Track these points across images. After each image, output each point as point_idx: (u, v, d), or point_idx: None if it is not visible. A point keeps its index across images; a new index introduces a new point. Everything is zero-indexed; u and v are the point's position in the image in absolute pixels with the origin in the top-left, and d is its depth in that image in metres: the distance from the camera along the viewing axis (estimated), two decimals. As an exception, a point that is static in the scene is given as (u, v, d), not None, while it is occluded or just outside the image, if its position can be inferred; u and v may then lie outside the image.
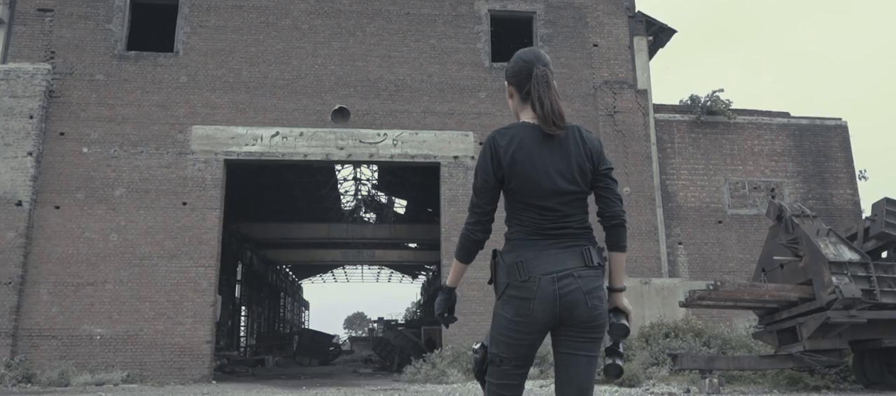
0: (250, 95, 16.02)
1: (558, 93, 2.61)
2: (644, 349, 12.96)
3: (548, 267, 2.45)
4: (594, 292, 2.46)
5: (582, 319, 2.45)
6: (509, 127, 2.60)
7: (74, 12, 15.93)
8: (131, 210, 15.16)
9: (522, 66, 2.64)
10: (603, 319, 2.50)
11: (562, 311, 2.43)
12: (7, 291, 14.26)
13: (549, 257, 2.46)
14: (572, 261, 2.47)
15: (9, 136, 14.87)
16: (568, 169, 2.52)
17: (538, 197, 2.51)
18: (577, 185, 2.53)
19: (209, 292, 15.10)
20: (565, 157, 2.53)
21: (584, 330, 2.47)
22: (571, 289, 2.43)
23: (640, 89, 17.06)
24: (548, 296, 2.42)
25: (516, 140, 2.53)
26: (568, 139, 2.55)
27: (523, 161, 2.50)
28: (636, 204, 16.32)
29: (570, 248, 2.49)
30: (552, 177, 2.50)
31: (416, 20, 16.89)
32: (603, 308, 2.49)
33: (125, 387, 13.31)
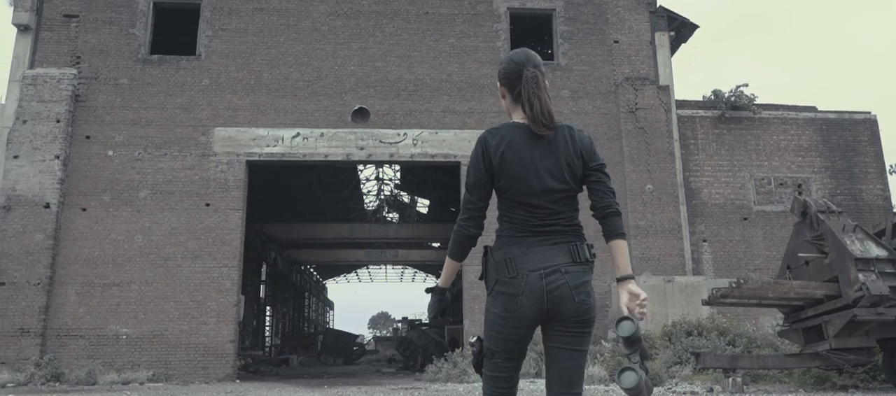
0: (271, 97, 16.16)
1: (549, 93, 2.65)
2: (667, 347, 12.80)
3: (535, 264, 2.50)
4: (581, 287, 2.51)
5: (569, 314, 2.49)
6: (500, 127, 2.65)
7: (99, 18, 16.21)
8: (155, 211, 15.38)
9: (513, 67, 2.68)
10: (590, 313, 2.54)
11: (549, 306, 2.48)
12: (36, 292, 14.56)
13: (536, 254, 2.52)
14: (560, 257, 2.52)
15: (37, 140, 15.19)
16: (557, 167, 2.57)
17: (527, 195, 2.56)
18: (565, 183, 2.59)
19: (232, 292, 15.27)
20: (554, 156, 2.58)
21: (571, 325, 2.51)
22: (559, 285, 2.48)
23: (661, 85, 16.86)
24: (535, 292, 2.47)
25: (506, 139, 2.59)
26: (557, 138, 2.60)
27: (513, 160, 2.56)
28: (659, 202, 16.14)
29: (558, 245, 2.55)
30: (541, 176, 2.56)
31: (435, 20, 16.89)
32: (590, 302, 2.54)
33: (151, 386, 13.51)
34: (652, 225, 16.02)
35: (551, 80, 16.53)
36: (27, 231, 14.78)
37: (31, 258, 14.68)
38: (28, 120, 15.24)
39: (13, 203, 14.89)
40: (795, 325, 10.33)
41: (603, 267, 15.72)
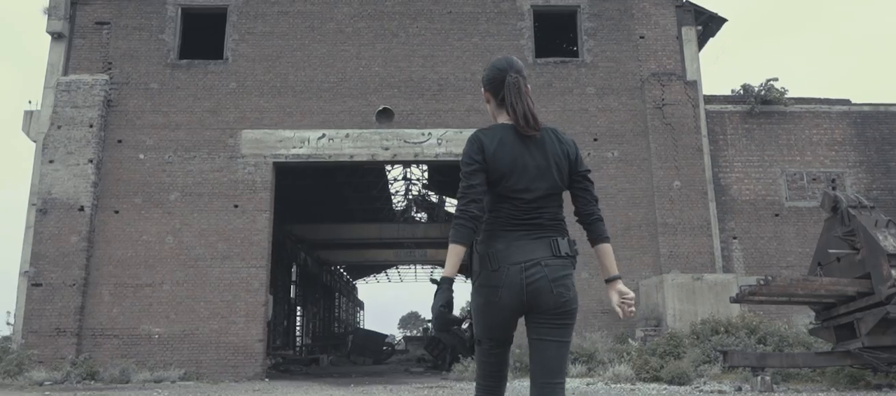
0: (297, 99, 16.34)
1: (531, 97, 2.79)
2: (695, 346, 12.61)
3: (516, 257, 2.61)
4: (560, 280, 2.61)
5: (549, 306, 2.61)
6: (491, 127, 2.80)
7: (129, 24, 16.58)
8: (185, 213, 15.67)
9: (496, 73, 2.83)
10: (570, 306, 2.64)
11: (528, 298, 2.60)
12: (72, 292, 14.95)
13: (518, 248, 2.63)
14: (541, 251, 2.63)
15: (71, 145, 15.60)
16: (546, 166, 2.71)
17: (514, 190, 2.67)
18: (552, 181, 2.71)
19: (260, 292, 15.48)
20: (543, 155, 2.72)
21: (551, 316, 2.62)
22: (538, 278, 2.59)
23: (689, 80, 16.62)
24: (515, 284, 2.59)
25: (498, 137, 2.72)
26: (545, 139, 2.76)
27: (504, 156, 2.68)
28: (687, 198, 15.91)
29: (540, 239, 2.66)
30: (529, 172, 2.69)
31: (458, 19, 16.90)
32: (569, 296, 2.63)
33: (182, 384, 13.76)
34: (680, 223, 15.79)
35: (576, 78, 16.50)
36: (62, 233, 15.19)
37: (66, 259, 15.08)
38: (62, 125, 15.67)
39: (49, 206, 15.32)
40: (827, 323, 10.11)
41: (630, 266, 15.61)
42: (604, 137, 16.37)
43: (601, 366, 12.70)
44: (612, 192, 16.09)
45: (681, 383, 11.32)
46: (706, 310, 13.83)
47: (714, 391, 10.44)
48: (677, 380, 11.35)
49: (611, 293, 2.75)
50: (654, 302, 14.72)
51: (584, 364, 13.04)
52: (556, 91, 16.58)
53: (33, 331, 14.74)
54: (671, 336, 13.00)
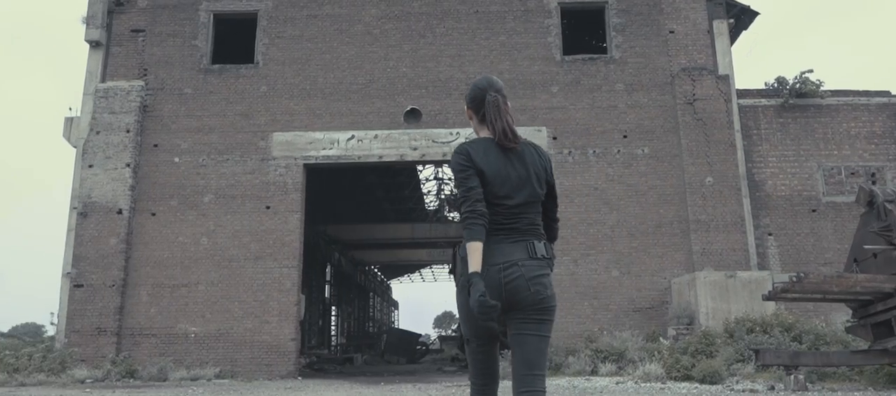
0: (326, 101, 16.55)
1: (510, 114, 3.04)
2: (728, 345, 12.40)
3: (495, 259, 2.80)
4: (536, 279, 2.81)
5: (526, 303, 2.80)
6: (476, 140, 3.04)
7: (163, 31, 17.01)
8: (219, 215, 16.01)
9: (477, 93, 3.08)
10: (547, 302, 2.84)
11: (507, 296, 2.78)
12: (111, 293, 15.40)
13: (498, 250, 2.82)
14: (518, 254, 2.83)
15: (109, 150, 16.06)
16: (527, 176, 2.94)
17: (497, 197, 2.87)
18: (532, 190, 2.94)
19: (293, 291, 15.72)
20: (524, 167, 2.95)
21: (530, 312, 2.82)
22: (515, 277, 2.79)
23: (721, 75, 16.33)
24: (494, 284, 2.77)
25: (482, 148, 2.95)
26: (525, 152, 3.00)
27: (488, 167, 2.89)
28: (720, 195, 15.65)
29: (517, 243, 2.86)
30: (511, 181, 2.91)
31: (485, 18, 16.91)
32: (546, 293, 2.83)
33: (217, 382, 14.06)
34: (713, 219, 15.54)
35: (605, 74, 16.37)
36: (102, 235, 15.65)
37: (105, 261, 15.53)
38: (101, 131, 16.15)
39: (89, 209, 15.80)
40: (863, 321, 9.84)
41: (662, 264, 15.42)
42: (633, 134, 16.20)
43: (631, 365, 12.57)
44: (643, 189, 15.92)
45: (712, 382, 11.14)
46: (740, 308, 13.58)
47: (746, 390, 10.26)
48: (709, 379, 11.17)
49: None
50: (686, 300, 14.52)
51: (613, 362, 12.92)
52: (585, 88, 16.47)
53: (75, 331, 15.22)
54: (703, 335, 12.80)
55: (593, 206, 15.86)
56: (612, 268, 15.54)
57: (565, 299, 15.40)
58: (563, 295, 15.41)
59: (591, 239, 15.69)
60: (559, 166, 16.11)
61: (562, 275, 15.51)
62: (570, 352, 13.80)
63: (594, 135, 16.22)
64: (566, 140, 16.23)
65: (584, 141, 16.20)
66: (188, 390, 12.17)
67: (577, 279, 15.48)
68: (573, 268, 15.53)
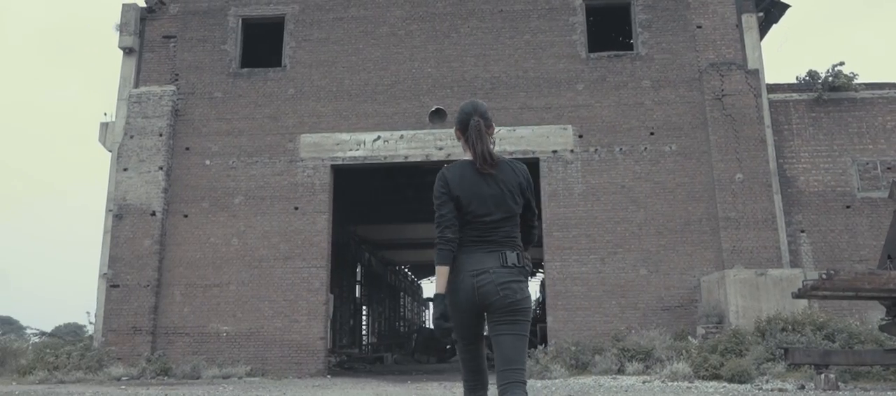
0: (352, 102, 16.73)
1: (491, 138, 3.37)
2: (759, 343, 12.21)
3: (470, 267, 3.20)
4: (505, 284, 3.16)
5: (497, 306, 3.16)
6: (456, 164, 3.39)
7: (194, 37, 17.38)
8: (249, 216, 16.30)
9: (464, 117, 3.41)
10: (517, 305, 3.16)
11: (480, 299, 3.17)
12: (146, 293, 15.79)
13: (474, 259, 3.21)
14: (491, 262, 3.20)
15: (143, 153, 16.48)
16: (499, 195, 3.27)
17: (475, 215, 3.25)
18: (507, 207, 3.28)
19: (321, 291, 15.92)
20: (497, 187, 3.27)
21: (502, 314, 3.17)
22: (486, 283, 3.16)
23: (750, 69, 16.07)
24: (468, 288, 3.19)
25: (459, 173, 3.32)
26: (502, 172, 3.30)
27: (464, 189, 3.26)
28: (750, 192, 15.40)
29: (492, 253, 3.22)
30: (485, 201, 3.25)
31: (509, 17, 16.91)
32: (514, 297, 3.16)
33: (248, 380, 14.33)
34: (743, 217, 15.30)
35: (631, 71, 16.25)
36: (137, 237, 16.07)
37: (140, 262, 15.94)
38: (134, 135, 16.58)
39: (124, 211, 16.23)
40: (897, 318, 9.62)
41: (691, 262, 15.24)
42: (661, 131, 16.04)
43: (658, 364, 12.46)
44: (671, 187, 15.75)
45: (741, 381, 11.00)
46: (771, 307, 13.35)
47: (775, 389, 10.11)
48: (737, 378, 11.03)
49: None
50: (715, 298, 14.33)
51: (640, 361, 12.82)
52: (610, 86, 16.35)
53: (112, 330, 15.65)
54: (733, 334, 12.63)
55: (620, 204, 15.75)
56: (640, 267, 15.40)
57: (592, 297, 15.33)
58: (591, 293, 15.35)
59: (619, 237, 15.58)
60: (585, 164, 16.03)
61: (589, 274, 15.44)
62: (596, 351, 13.73)
63: (620, 132, 16.10)
64: (592, 138, 16.13)
65: (611, 138, 16.09)
66: (219, 387, 12.43)
67: (605, 277, 15.39)
68: (600, 267, 15.44)
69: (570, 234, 15.71)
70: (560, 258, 15.64)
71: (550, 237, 15.78)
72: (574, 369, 13.64)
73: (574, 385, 11.77)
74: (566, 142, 16.15)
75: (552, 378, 13.08)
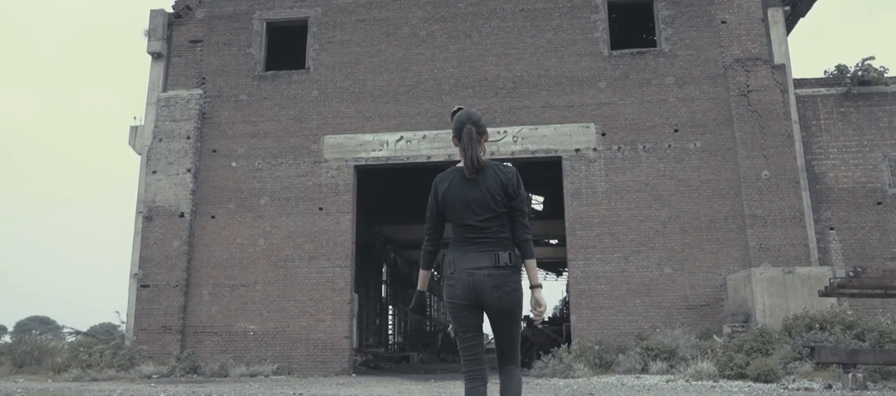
0: (375, 103, 16.87)
1: (483, 145, 3.71)
2: (786, 342, 12.04)
3: (466, 265, 3.53)
4: (500, 285, 3.51)
5: (493, 305, 3.53)
6: (447, 171, 3.75)
7: (220, 41, 17.69)
8: (274, 216, 16.54)
9: (459, 125, 3.73)
10: (510, 304, 3.54)
11: (476, 295, 3.52)
12: (175, 293, 16.12)
13: (469, 258, 3.54)
14: (485, 261, 3.52)
15: (171, 156, 16.82)
16: (482, 198, 3.57)
17: (461, 219, 3.60)
18: (490, 209, 3.57)
19: (346, 290, 16.09)
20: (480, 190, 3.58)
21: (498, 313, 3.57)
22: (479, 282, 3.50)
23: (776, 64, 15.82)
24: (464, 284, 3.52)
25: (447, 181, 3.69)
26: (485, 176, 3.60)
27: (451, 196, 3.63)
28: (777, 188, 15.17)
29: (484, 252, 3.54)
30: (470, 206, 3.58)
31: (530, 16, 16.89)
32: (508, 298, 3.52)
33: (274, 378, 14.54)
34: (770, 214, 15.08)
35: (654, 68, 16.13)
36: (166, 238, 16.41)
37: (169, 262, 16.28)
38: (163, 138, 16.93)
39: (154, 213, 16.58)
40: (927, 317, 9.41)
41: (717, 260, 15.07)
42: (685, 128, 15.89)
43: (683, 363, 12.35)
44: (696, 184, 15.59)
45: (767, 380, 10.86)
46: (799, 305, 13.15)
47: (801, 388, 9.96)
48: (763, 378, 10.90)
49: (532, 295, 3.64)
50: (742, 297, 14.15)
51: (664, 360, 12.72)
52: (633, 83, 16.24)
53: (143, 329, 16.01)
54: (760, 333, 12.46)
55: (644, 202, 15.63)
56: (665, 265, 15.28)
57: (616, 296, 15.25)
58: (614, 292, 15.27)
59: (643, 235, 15.47)
60: (609, 162, 15.94)
61: (612, 273, 15.36)
62: (620, 350, 13.66)
63: (644, 130, 15.98)
64: (615, 135, 16.04)
65: (634, 136, 15.98)
66: (245, 385, 12.64)
67: (629, 276, 15.30)
68: (624, 265, 15.36)
69: (594, 233, 15.64)
70: (583, 256, 15.59)
71: (574, 236, 15.73)
72: (597, 368, 13.59)
73: (597, 383, 11.74)
74: (589, 141, 16.08)
75: (575, 377, 13.05)
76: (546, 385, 11.72)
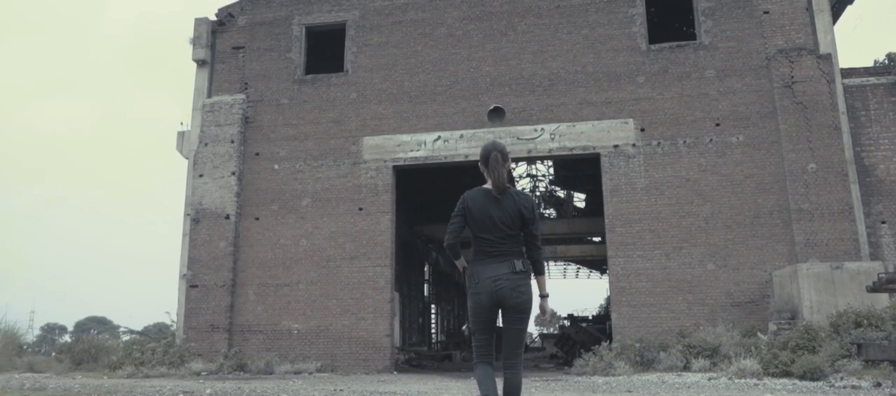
0: (412, 104, 17.04)
1: (506, 168, 4.37)
2: (834, 339, 11.71)
3: (488, 274, 4.28)
4: (517, 288, 4.25)
5: (510, 305, 4.26)
6: (475, 190, 4.43)
7: (261, 46, 18.13)
8: (316, 217, 16.87)
9: (485, 153, 4.43)
10: (524, 306, 4.27)
11: (498, 299, 4.26)
12: (222, 293, 16.60)
13: (489, 268, 4.29)
14: (503, 270, 4.26)
15: (217, 160, 17.33)
16: (504, 217, 4.30)
17: (483, 232, 4.33)
18: (509, 227, 4.31)
19: (386, 289, 16.31)
20: (503, 210, 4.31)
21: (512, 313, 4.29)
22: (502, 286, 4.24)
23: (822, 54, 15.39)
24: (487, 290, 4.26)
25: (474, 199, 4.37)
26: (507, 200, 4.32)
27: (477, 212, 4.34)
28: (824, 182, 14.76)
29: (503, 262, 4.28)
30: (494, 222, 4.30)
31: (566, 12, 16.81)
32: (522, 298, 4.26)
33: (317, 376, 14.83)
34: (817, 208, 14.68)
35: (694, 61, 15.90)
36: (213, 239, 16.91)
37: (216, 263, 16.77)
38: (209, 142, 17.45)
39: (201, 215, 17.11)
40: (982, 312, 9.05)
41: (762, 256, 14.75)
42: (727, 122, 15.59)
43: (726, 361, 12.13)
44: (739, 179, 15.29)
45: (814, 378, 10.59)
46: (848, 302, 12.77)
47: (848, 386, 9.70)
48: (809, 376, 10.63)
49: (538, 304, 4.49)
50: (788, 293, 13.82)
51: (707, 358, 12.52)
52: (673, 77, 16.01)
53: (192, 328, 16.54)
54: (805, 329, 12.15)
55: (685, 198, 15.41)
56: (708, 262, 15.03)
57: (657, 293, 15.08)
58: (656, 289, 15.10)
59: (684, 231, 15.25)
60: (648, 158, 15.76)
61: (654, 270, 15.19)
62: (662, 348, 13.51)
63: (684, 124, 15.74)
64: (655, 131, 15.85)
65: (674, 131, 15.76)
66: (289, 382, 12.95)
67: (670, 273, 15.10)
68: (665, 262, 15.16)
69: (634, 230, 15.49)
70: (624, 254, 15.45)
71: (613, 233, 15.61)
72: (638, 366, 13.46)
73: (636, 381, 11.64)
74: (628, 136, 15.93)
75: (616, 375, 12.96)
76: (585, 382, 11.68)
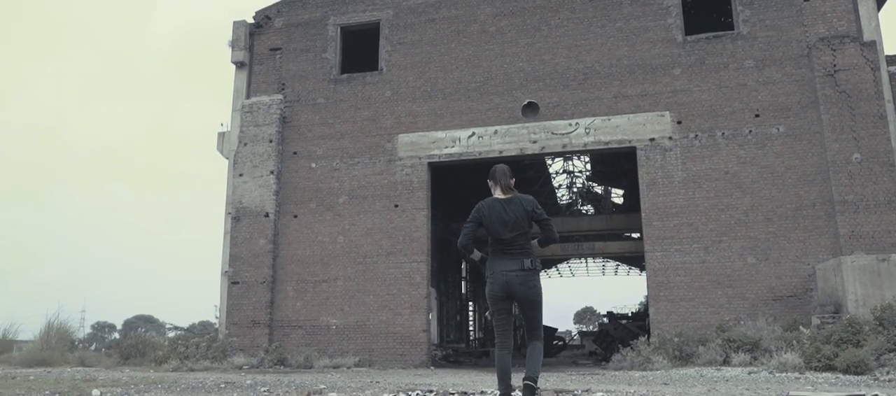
0: (447, 101, 17.14)
1: (511, 179, 5.51)
2: (879, 333, 11.42)
3: (501, 268, 5.21)
4: (525, 282, 5.16)
5: (520, 295, 5.18)
6: (487, 200, 5.42)
7: (297, 47, 18.46)
8: (353, 214, 17.11)
9: (493, 171, 5.55)
10: (533, 297, 5.18)
11: (509, 290, 5.17)
12: (263, 289, 16.96)
13: (502, 263, 5.21)
14: (514, 266, 5.18)
15: (256, 159, 17.71)
16: (513, 220, 5.24)
17: (497, 234, 5.27)
18: (517, 229, 5.23)
19: (422, 285, 16.45)
20: (511, 213, 5.26)
21: (524, 302, 5.21)
22: (511, 280, 5.15)
23: (866, 41, 14.97)
24: (501, 282, 5.19)
25: (488, 206, 5.37)
26: (513, 204, 5.30)
27: (490, 217, 5.31)
28: (870, 172, 14.37)
29: (514, 258, 5.20)
30: (506, 224, 5.25)
31: (601, 5, 16.70)
32: (531, 291, 5.17)
33: (355, 370, 15.06)
34: (862, 199, 14.30)
35: (732, 52, 15.70)
36: (253, 237, 17.29)
37: (256, 260, 17.14)
38: (248, 142, 17.84)
39: (241, 214, 17.51)
40: None
41: (804, 249, 14.43)
42: (766, 112, 15.29)
43: (766, 355, 11.94)
44: (780, 171, 14.98)
45: (858, 372, 10.34)
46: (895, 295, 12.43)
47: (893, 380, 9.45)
48: (853, 369, 10.39)
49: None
50: (831, 286, 13.51)
51: (747, 352, 12.33)
52: (710, 68, 15.78)
53: (234, 323, 16.94)
54: (849, 323, 11.87)
55: (724, 191, 15.17)
56: (748, 255, 14.77)
57: (696, 287, 14.88)
58: (694, 283, 14.91)
59: (723, 225, 15.01)
60: (685, 151, 15.57)
61: (692, 264, 15.00)
62: (701, 342, 13.34)
63: (722, 116, 15.49)
64: (692, 123, 15.64)
65: (712, 123, 15.53)
66: (327, 375, 13.19)
67: (709, 267, 14.89)
68: (704, 256, 14.96)
69: (671, 224, 15.31)
70: (661, 248, 15.29)
71: (650, 227, 15.46)
72: (677, 360, 13.32)
73: (674, 375, 11.53)
74: (664, 129, 15.75)
75: (654, 369, 12.86)
76: (622, 376, 11.63)
